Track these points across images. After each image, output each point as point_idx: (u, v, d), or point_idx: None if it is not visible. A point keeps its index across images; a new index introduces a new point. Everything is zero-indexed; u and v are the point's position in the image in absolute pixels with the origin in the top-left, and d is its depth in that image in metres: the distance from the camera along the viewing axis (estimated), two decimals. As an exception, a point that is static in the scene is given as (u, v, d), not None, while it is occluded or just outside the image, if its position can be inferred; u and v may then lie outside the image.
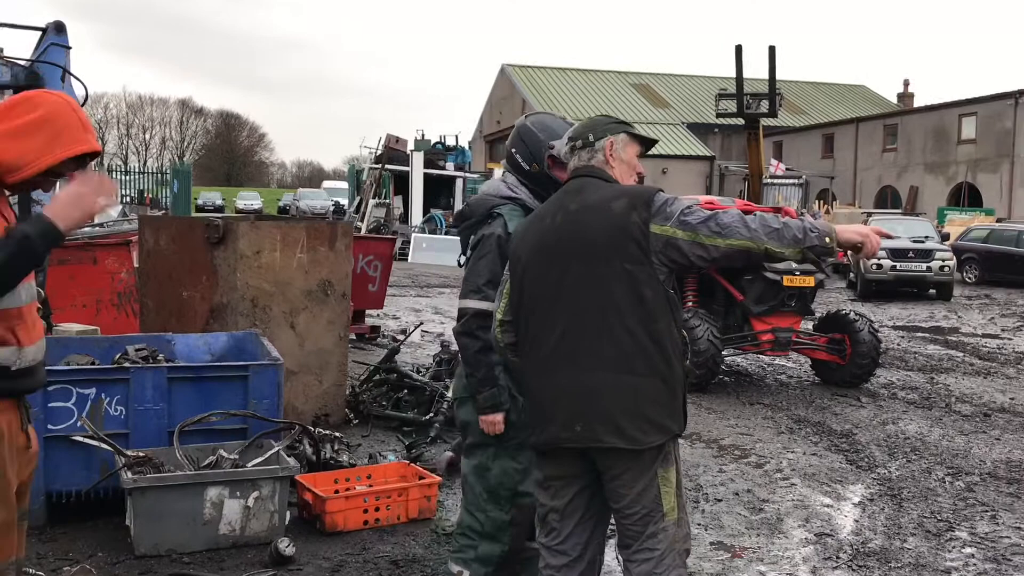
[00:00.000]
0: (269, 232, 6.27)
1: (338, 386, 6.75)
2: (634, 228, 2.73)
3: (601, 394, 2.72)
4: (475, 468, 3.50)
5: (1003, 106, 32.83)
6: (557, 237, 2.84)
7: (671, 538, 2.82)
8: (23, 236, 2.18)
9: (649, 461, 2.77)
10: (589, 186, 2.89)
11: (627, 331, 2.72)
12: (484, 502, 3.46)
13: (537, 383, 2.88)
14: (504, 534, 3.45)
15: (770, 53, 24.40)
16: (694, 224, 2.72)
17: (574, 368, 2.76)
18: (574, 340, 2.77)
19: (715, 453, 6.59)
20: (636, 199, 2.78)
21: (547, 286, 2.84)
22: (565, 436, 2.78)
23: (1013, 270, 21.09)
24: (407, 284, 19.03)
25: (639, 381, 2.72)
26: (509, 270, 3.00)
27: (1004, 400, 8.82)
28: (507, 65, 52.94)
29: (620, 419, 2.71)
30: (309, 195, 50.33)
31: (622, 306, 2.72)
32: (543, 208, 3.02)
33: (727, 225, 2.72)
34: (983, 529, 5.10)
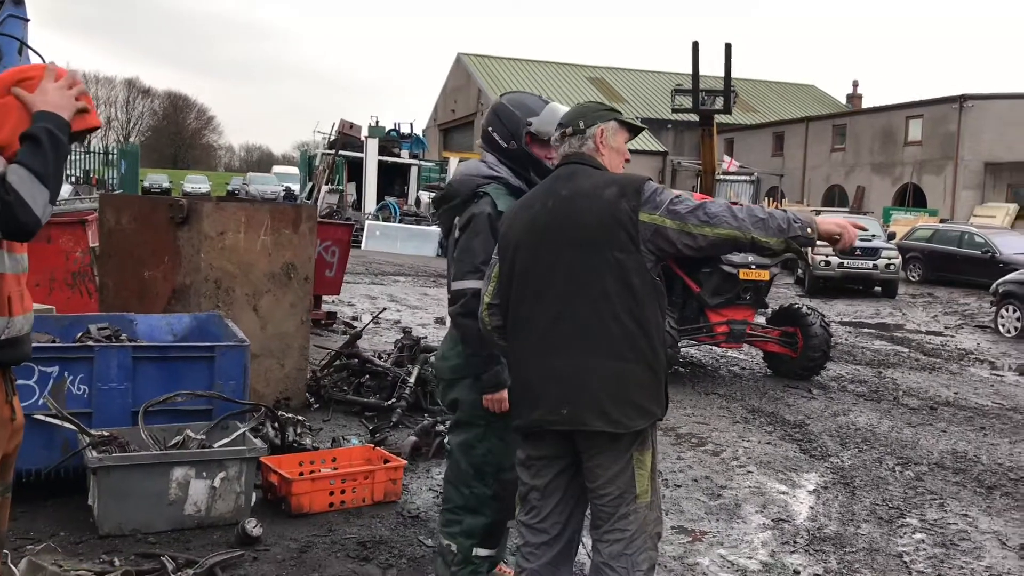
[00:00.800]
0: (234, 213, 6.21)
1: (299, 370, 6.71)
2: (624, 216, 2.77)
3: (589, 379, 2.77)
4: (461, 445, 3.52)
5: (948, 109, 33.61)
6: (548, 223, 2.87)
7: (642, 520, 2.87)
8: (48, 133, 2.18)
9: (627, 444, 2.83)
10: (580, 173, 2.92)
11: (615, 318, 2.76)
12: (470, 478, 3.50)
13: (525, 367, 2.91)
14: (487, 508, 3.49)
15: (726, 51, 24.65)
16: (683, 213, 2.77)
17: (562, 353, 2.80)
18: (563, 326, 2.81)
19: (673, 441, 6.69)
20: (626, 187, 2.82)
21: (538, 271, 2.87)
22: (552, 419, 2.82)
23: (955, 270, 21.64)
24: (361, 272, 18.91)
25: (626, 367, 2.77)
26: (498, 254, 3.02)
27: (949, 395, 9.09)
28: (463, 54, 52.78)
29: (607, 403, 2.75)
30: (259, 180, 49.68)
31: (611, 293, 2.76)
32: (532, 194, 3.04)
33: (715, 215, 2.77)
34: (932, 516, 5.27)
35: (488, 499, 3.49)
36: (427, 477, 5.43)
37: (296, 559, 4.11)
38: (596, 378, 2.77)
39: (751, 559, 4.50)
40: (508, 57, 53.21)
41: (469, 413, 3.47)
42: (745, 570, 4.35)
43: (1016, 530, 5.10)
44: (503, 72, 50.39)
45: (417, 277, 18.98)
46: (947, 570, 4.47)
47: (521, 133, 3.48)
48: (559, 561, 2.99)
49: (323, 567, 4.05)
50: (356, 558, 4.17)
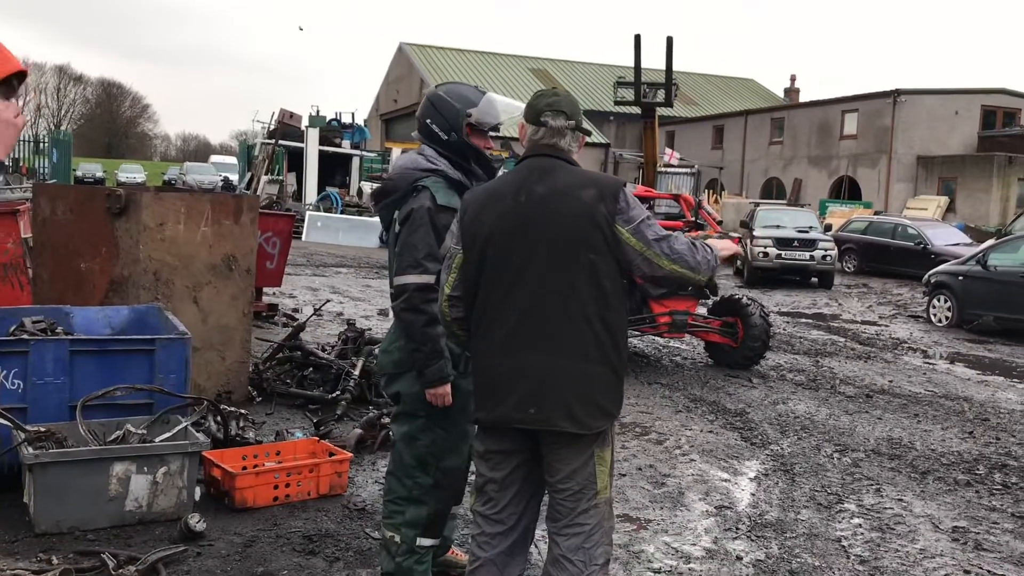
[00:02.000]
0: (173, 204, 6.09)
1: (241, 363, 6.63)
2: (601, 219, 2.77)
3: (558, 379, 2.77)
4: (404, 436, 3.52)
5: (883, 104, 34.37)
6: (523, 219, 2.82)
7: (601, 515, 2.90)
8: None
9: (589, 441, 2.85)
10: (559, 169, 2.87)
11: (585, 319, 2.77)
12: (412, 469, 3.50)
13: (491, 362, 2.88)
14: (430, 498, 3.50)
15: (668, 44, 24.87)
16: (649, 239, 2.79)
17: (531, 351, 2.79)
18: (533, 324, 2.79)
19: (617, 431, 6.71)
20: (605, 190, 2.81)
21: (509, 267, 2.82)
22: (518, 417, 2.81)
23: (889, 261, 22.15)
24: (302, 263, 18.70)
25: (593, 369, 2.79)
26: (462, 246, 2.93)
27: (884, 383, 9.32)
28: (405, 44, 52.40)
29: (574, 405, 2.77)
30: (196, 169, 48.76)
31: (583, 294, 2.76)
32: (501, 185, 2.95)
33: (678, 252, 2.82)
34: (869, 501, 5.41)
35: (430, 489, 3.50)
36: (373, 470, 5.40)
37: (241, 553, 4.06)
38: (565, 379, 2.77)
39: (695, 546, 4.57)
40: (450, 47, 52.99)
41: (411, 405, 3.47)
42: (689, 557, 4.42)
43: (948, 513, 5.26)
44: (445, 62, 50.16)
45: (359, 268, 18.84)
46: (883, 553, 4.59)
47: (461, 124, 3.46)
48: (514, 551, 3.00)
49: (268, 561, 4.01)
50: (302, 551, 4.14)
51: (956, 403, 8.44)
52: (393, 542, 3.54)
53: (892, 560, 4.51)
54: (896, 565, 4.45)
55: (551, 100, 2.94)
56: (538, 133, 2.93)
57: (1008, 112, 34.98)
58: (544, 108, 2.93)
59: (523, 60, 53.16)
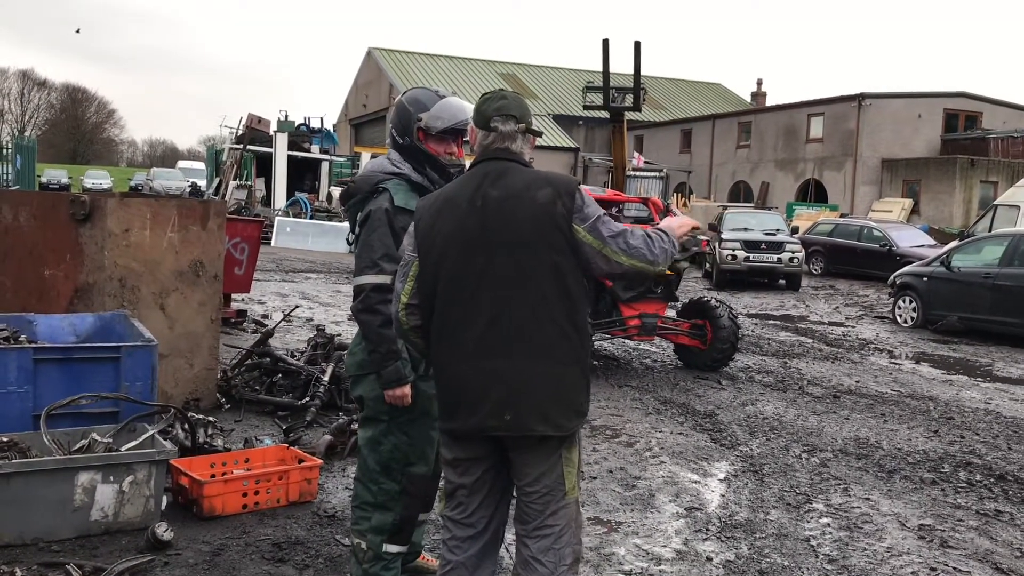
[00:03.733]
0: (139, 209, 6.03)
1: (209, 370, 6.57)
2: (559, 219, 2.76)
3: (531, 383, 2.76)
4: (368, 441, 3.52)
5: (848, 108, 34.76)
6: (481, 224, 2.80)
7: (570, 515, 2.90)
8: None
9: (557, 443, 2.84)
10: (512, 171, 2.86)
11: (552, 321, 2.76)
12: (377, 474, 3.50)
13: (456, 370, 2.84)
14: (395, 504, 3.49)
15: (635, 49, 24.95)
16: (605, 236, 2.79)
17: (502, 357, 2.77)
18: (501, 329, 2.76)
19: (588, 433, 6.77)
20: (560, 188, 2.80)
21: (470, 274, 2.80)
22: (493, 424, 2.79)
23: (855, 263, 22.41)
24: (271, 269, 18.58)
25: (565, 370, 2.79)
26: (419, 253, 2.90)
27: (851, 383, 9.42)
28: (374, 48, 52.27)
29: (548, 407, 2.76)
30: (164, 175, 48.33)
31: (549, 296, 2.75)
32: (456, 191, 2.91)
33: (634, 247, 2.82)
34: (837, 501, 5.46)
35: (396, 494, 3.49)
36: (343, 476, 5.37)
37: (209, 562, 4.02)
38: (538, 383, 2.76)
39: (665, 547, 4.58)
40: (420, 52, 52.93)
41: (373, 409, 3.47)
42: (660, 558, 4.43)
43: (915, 511, 5.33)
44: (414, 67, 50.10)
45: (329, 274, 18.74)
46: (851, 552, 4.64)
47: (413, 129, 3.50)
48: (484, 554, 2.99)
49: (237, 569, 3.97)
50: (271, 559, 4.11)
51: (921, 402, 8.55)
52: (360, 548, 3.53)
53: (860, 559, 4.55)
54: (864, 564, 4.49)
55: (499, 104, 2.93)
56: (488, 138, 2.92)
57: (970, 115, 35.51)
58: (493, 113, 2.91)
59: (492, 65, 53.23)
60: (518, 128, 2.90)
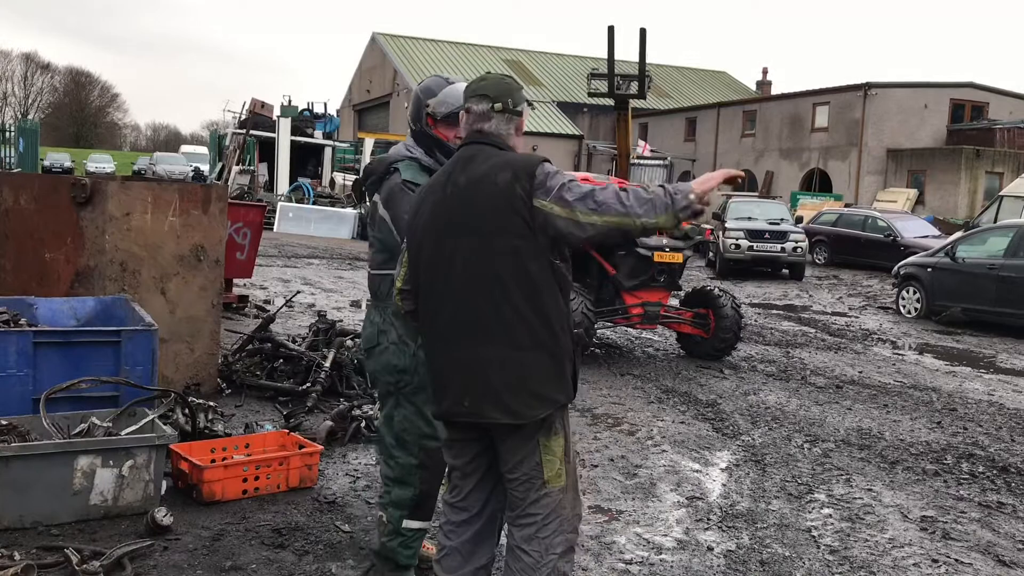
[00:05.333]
0: (140, 193, 6.00)
1: (210, 355, 6.55)
2: (518, 202, 2.71)
3: (487, 369, 2.74)
4: (384, 418, 3.59)
5: (853, 97, 34.59)
6: (448, 211, 2.82)
7: (555, 504, 2.86)
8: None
9: (532, 431, 2.80)
10: (479, 156, 2.84)
11: (512, 306, 2.72)
12: (393, 449, 3.54)
13: (434, 355, 2.90)
14: (413, 477, 3.52)
15: (641, 36, 24.83)
16: (570, 201, 2.70)
17: (463, 343, 2.78)
18: (463, 315, 2.78)
19: (589, 421, 6.76)
20: (519, 170, 2.75)
21: (440, 260, 2.83)
22: (456, 410, 2.83)
23: (859, 253, 22.34)
24: (273, 254, 18.56)
25: (524, 355, 2.74)
26: (407, 241, 2.97)
27: (854, 373, 9.40)
28: (378, 34, 52.06)
29: (504, 395, 2.73)
30: (167, 159, 48.25)
31: (508, 281, 2.72)
32: (436, 179, 2.95)
33: (603, 202, 2.69)
34: (839, 491, 5.44)
35: (414, 468, 3.52)
36: (343, 462, 5.36)
37: (208, 547, 4.01)
38: (493, 369, 2.74)
39: (666, 536, 4.57)
40: (424, 38, 52.72)
41: (383, 383, 3.54)
42: (661, 547, 4.42)
43: (917, 503, 5.31)
44: (419, 53, 49.92)
45: (331, 260, 18.72)
46: (853, 543, 4.62)
47: (422, 115, 3.60)
48: (480, 539, 2.98)
49: (236, 555, 3.96)
50: (271, 545, 4.09)
51: (924, 393, 8.53)
52: (382, 521, 3.59)
53: (862, 550, 4.53)
54: (865, 555, 4.47)
55: (475, 86, 2.92)
56: (467, 119, 2.92)
57: (976, 106, 35.34)
58: (469, 95, 2.90)
59: (497, 51, 53.01)
60: (492, 108, 2.87)
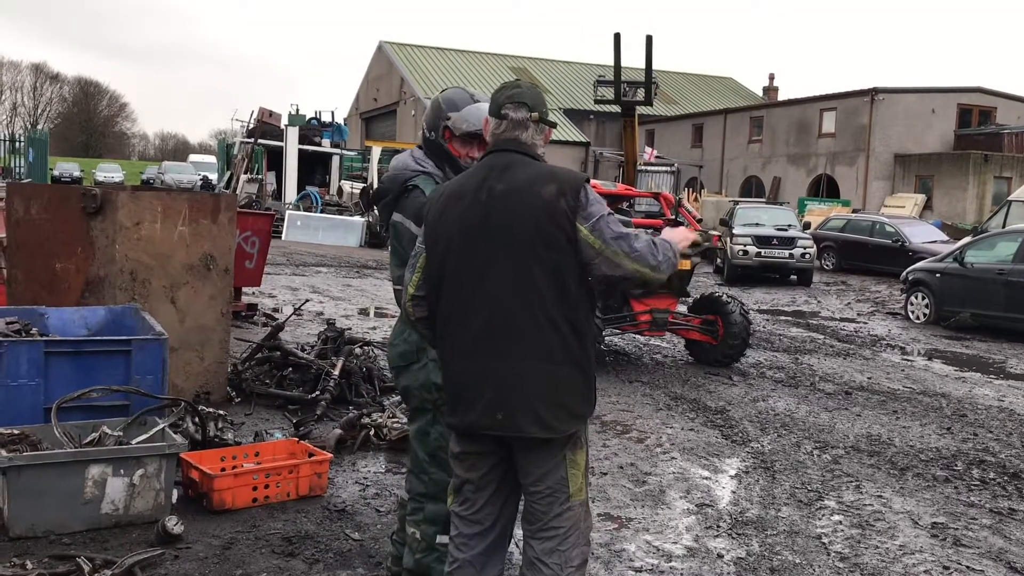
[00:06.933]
0: (150, 203, 6.03)
1: (220, 363, 6.57)
2: (562, 217, 2.70)
3: (522, 383, 2.72)
4: (416, 432, 3.53)
5: (860, 102, 34.56)
6: (483, 219, 2.76)
7: (576, 517, 2.86)
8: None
9: (559, 445, 2.81)
10: (518, 164, 2.81)
11: (549, 320, 2.71)
12: (427, 465, 3.49)
13: (457, 366, 2.83)
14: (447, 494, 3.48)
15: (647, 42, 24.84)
16: (607, 237, 2.71)
17: (496, 355, 2.74)
18: (497, 327, 2.73)
19: (598, 429, 6.75)
20: (565, 185, 2.74)
21: (471, 269, 2.77)
22: (486, 423, 2.77)
23: (867, 258, 22.30)
24: (282, 263, 18.60)
25: (559, 370, 2.73)
26: (426, 246, 2.90)
27: (863, 379, 9.37)
28: (385, 42, 52.23)
29: (540, 408, 2.72)
30: (175, 168, 48.51)
31: (546, 295, 2.70)
32: (463, 184, 2.89)
33: (638, 251, 2.73)
34: (849, 498, 5.43)
35: (447, 485, 3.48)
36: (353, 470, 5.37)
37: (219, 556, 4.02)
38: (529, 383, 2.72)
39: (676, 544, 4.56)
40: (430, 46, 52.86)
41: (419, 399, 3.47)
42: (670, 555, 4.41)
43: (927, 509, 5.29)
44: (425, 61, 50.06)
45: (340, 268, 18.76)
46: (863, 550, 4.61)
47: (440, 126, 3.53)
48: (491, 552, 2.97)
49: (247, 563, 3.97)
50: (281, 554, 4.10)
51: (934, 399, 8.50)
52: (414, 539, 3.54)
53: (872, 557, 4.52)
54: (876, 562, 4.46)
55: (512, 92, 2.89)
56: (500, 127, 2.88)
57: (983, 110, 35.28)
58: (505, 101, 2.87)
59: (503, 59, 53.11)
60: (530, 116, 2.86)
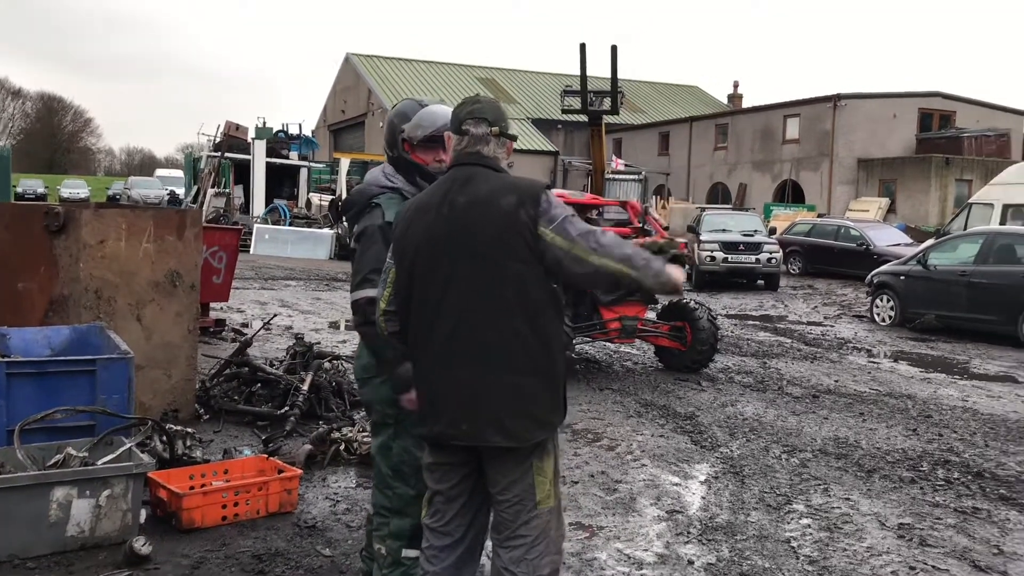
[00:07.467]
0: (114, 220, 5.98)
1: (187, 381, 6.53)
2: (523, 227, 2.73)
3: (488, 394, 2.75)
4: (379, 447, 3.52)
5: (823, 108, 34.96)
6: (446, 232, 2.80)
7: (544, 525, 2.88)
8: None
9: (526, 453, 2.83)
10: (478, 177, 2.84)
11: (514, 330, 2.74)
12: (390, 479, 3.48)
13: (426, 377, 2.87)
14: (412, 508, 3.45)
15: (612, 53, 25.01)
16: (573, 236, 2.74)
17: (461, 367, 2.77)
18: (462, 338, 2.76)
19: (569, 437, 6.77)
20: (525, 195, 2.77)
21: (436, 282, 2.80)
22: (452, 433, 2.80)
23: (833, 262, 22.55)
24: (250, 276, 18.48)
25: (525, 380, 2.76)
26: (394, 260, 2.94)
27: (830, 382, 9.48)
28: (352, 54, 52.14)
29: (504, 418, 2.74)
30: (142, 184, 47.97)
31: (510, 305, 2.73)
32: (427, 198, 2.93)
33: (605, 245, 2.74)
34: (817, 501, 5.49)
35: (412, 499, 3.46)
36: (323, 486, 5.35)
37: (188, 576, 3.99)
38: (495, 394, 2.74)
39: (647, 551, 4.59)
40: (398, 57, 52.83)
41: (380, 413, 3.47)
42: (641, 562, 4.44)
43: (894, 510, 5.36)
44: (393, 72, 50.02)
45: (309, 281, 18.67)
46: (831, 553, 4.66)
47: (398, 140, 3.54)
48: (462, 564, 2.98)
49: (217, 583, 3.94)
50: (251, 571, 4.08)
51: (900, 401, 8.61)
52: (381, 554, 3.53)
53: (840, 559, 4.57)
54: (844, 564, 4.51)
55: (472, 108, 2.92)
56: (461, 142, 2.91)
57: (944, 115, 35.80)
58: (466, 116, 2.90)
59: (471, 69, 53.19)
60: (490, 131, 2.89)
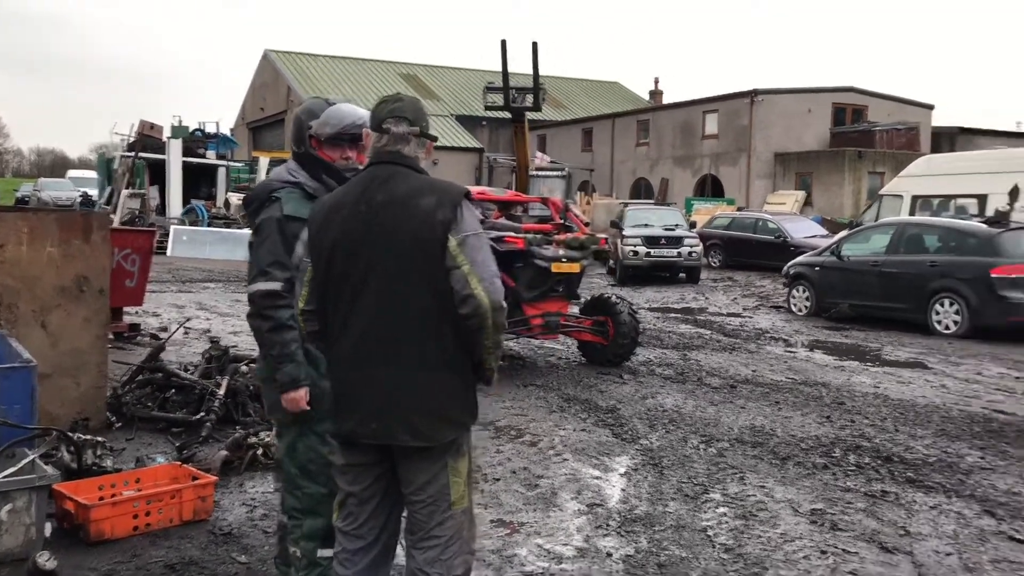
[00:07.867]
0: (14, 224, 5.78)
1: (97, 388, 6.34)
2: (438, 227, 2.73)
3: (399, 392, 2.74)
4: (286, 449, 3.50)
5: (741, 104, 35.69)
6: (363, 229, 2.78)
7: (458, 525, 2.88)
8: None
9: (440, 452, 2.82)
10: (399, 176, 2.83)
11: (427, 329, 2.74)
12: (299, 479, 3.45)
13: (339, 375, 2.86)
14: (324, 507, 3.42)
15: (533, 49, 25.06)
16: (470, 254, 2.73)
17: (374, 364, 2.76)
18: (374, 337, 2.76)
19: (492, 435, 6.78)
20: (444, 198, 2.77)
21: (352, 278, 2.79)
22: (362, 431, 2.79)
23: (751, 254, 23.04)
24: (167, 279, 18.06)
25: (435, 378, 2.76)
26: (311, 259, 2.91)
27: (747, 372, 9.68)
28: (270, 51, 51.29)
29: (416, 418, 2.74)
30: (52, 185, 46.45)
31: (425, 303, 2.73)
32: (343, 195, 2.90)
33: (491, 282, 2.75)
34: (733, 490, 5.59)
35: (323, 497, 3.43)
36: (240, 492, 5.25)
37: (96, 590, 3.87)
38: (405, 392, 2.74)
39: (567, 545, 4.62)
40: (317, 54, 52.17)
41: (282, 413, 3.43)
42: (561, 557, 4.46)
43: (807, 496, 5.50)
44: (313, 69, 49.37)
45: (228, 283, 18.31)
46: (747, 540, 4.75)
47: (304, 137, 3.57)
48: (375, 567, 2.96)
49: (127, 595, 3.84)
50: (163, 582, 3.98)
51: (815, 389, 8.84)
52: (296, 557, 3.49)
53: (755, 546, 4.67)
54: (759, 551, 4.61)
55: (393, 107, 2.90)
56: (381, 140, 2.89)
57: (857, 109, 36.86)
58: (386, 115, 2.88)
59: (393, 66, 52.84)
60: (410, 131, 2.87)
